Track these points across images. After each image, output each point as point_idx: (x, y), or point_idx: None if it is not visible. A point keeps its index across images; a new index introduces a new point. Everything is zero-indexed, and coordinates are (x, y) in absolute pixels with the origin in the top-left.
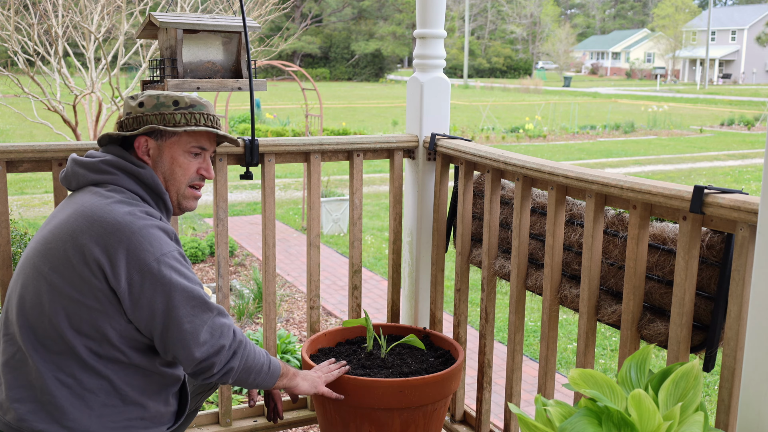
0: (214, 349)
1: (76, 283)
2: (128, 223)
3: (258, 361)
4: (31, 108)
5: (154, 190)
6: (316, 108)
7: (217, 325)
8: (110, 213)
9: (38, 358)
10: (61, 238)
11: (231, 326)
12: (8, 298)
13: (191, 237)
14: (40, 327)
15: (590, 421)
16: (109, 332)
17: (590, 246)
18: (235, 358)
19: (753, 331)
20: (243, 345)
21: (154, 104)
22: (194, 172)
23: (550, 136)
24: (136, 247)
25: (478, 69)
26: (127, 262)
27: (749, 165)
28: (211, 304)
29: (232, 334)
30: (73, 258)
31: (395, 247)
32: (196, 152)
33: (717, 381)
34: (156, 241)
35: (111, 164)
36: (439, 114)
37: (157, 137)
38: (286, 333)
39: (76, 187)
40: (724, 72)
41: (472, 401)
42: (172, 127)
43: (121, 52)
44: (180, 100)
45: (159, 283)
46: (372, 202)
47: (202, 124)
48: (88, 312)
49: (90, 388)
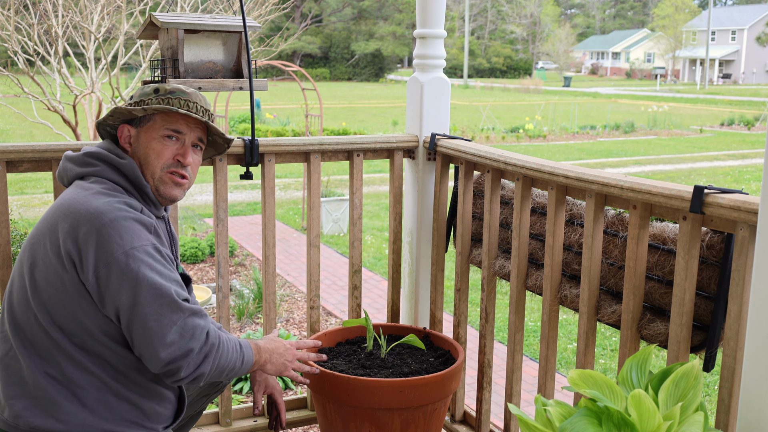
0: (181, 352)
1: (51, 278)
2: (100, 214)
3: (231, 360)
4: (31, 108)
5: (134, 183)
6: (316, 108)
7: (189, 326)
8: (85, 204)
9: (27, 354)
10: (42, 233)
11: (204, 328)
12: (4, 297)
13: (191, 237)
14: (26, 324)
15: (590, 421)
16: (90, 327)
17: (590, 246)
18: (206, 362)
19: (753, 331)
20: (215, 347)
21: (139, 94)
22: (170, 157)
23: (550, 136)
24: (105, 239)
25: (478, 69)
26: (95, 255)
27: (749, 165)
28: (182, 305)
29: (204, 337)
30: (51, 252)
31: (395, 247)
32: (169, 135)
33: (717, 381)
34: (127, 233)
35: (94, 156)
36: (439, 114)
37: (135, 124)
38: (286, 333)
39: (67, 182)
40: (724, 72)
41: (472, 401)
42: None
43: (121, 52)
44: (161, 88)
45: (125, 277)
46: (372, 202)
47: (178, 107)
48: (66, 307)
49: (80, 384)
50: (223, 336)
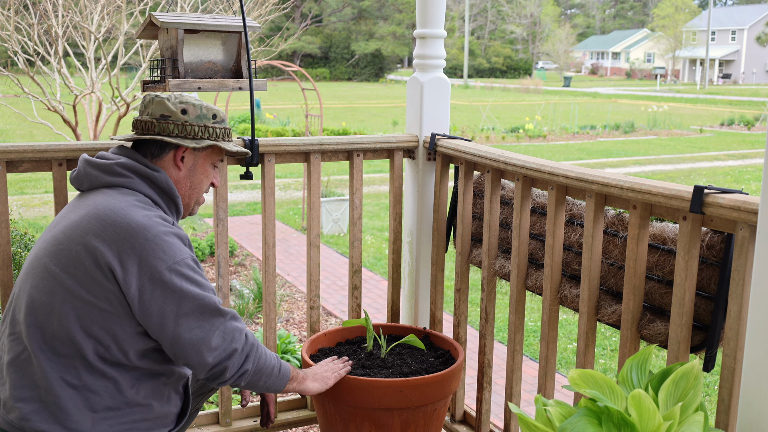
0: (226, 353)
1: (88, 284)
2: (143, 228)
3: (269, 364)
4: (31, 108)
5: (168, 193)
6: (316, 108)
7: (229, 329)
8: (124, 217)
9: (44, 358)
10: (74, 240)
11: (243, 330)
12: (16, 298)
13: (191, 237)
14: (48, 327)
15: (590, 421)
16: (119, 334)
17: (590, 246)
18: (248, 361)
19: (753, 331)
20: (255, 348)
21: (197, 114)
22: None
23: (550, 136)
24: (149, 254)
25: (478, 69)
26: (139, 269)
27: (749, 165)
28: (224, 310)
29: (244, 338)
30: (86, 260)
31: (395, 247)
32: (216, 165)
33: (717, 381)
34: (169, 248)
35: (126, 167)
36: (439, 114)
37: (193, 148)
38: (286, 333)
39: (88, 188)
40: (724, 72)
41: (472, 401)
42: (222, 142)
43: (121, 52)
44: (217, 113)
45: (170, 291)
46: (372, 202)
47: (232, 140)
48: (99, 314)
49: (95, 390)
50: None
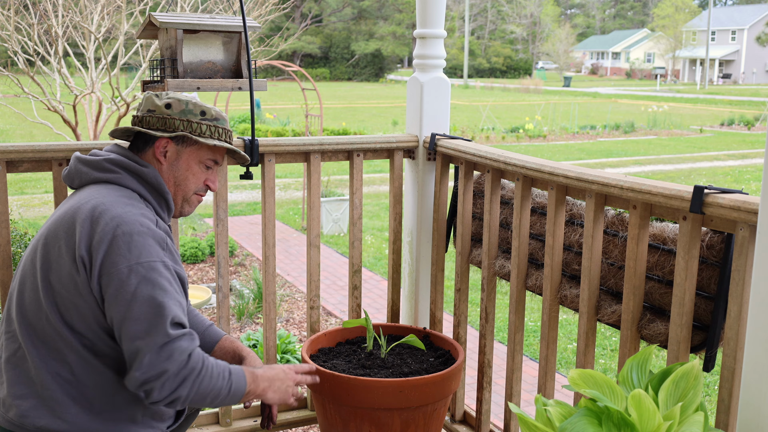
0: (155, 372)
1: (64, 279)
2: (117, 224)
3: (215, 388)
4: (31, 108)
5: (157, 189)
6: (316, 108)
7: (170, 348)
8: (104, 211)
9: (36, 354)
10: (57, 235)
11: (186, 350)
12: (9, 296)
13: (191, 237)
14: (38, 324)
15: (590, 421)
16: (99, 329)
17: (590, 246)
18: (183, 386)
19: (753, 331)
20: (196, 371)
21: (181, 109)
22: (202, 182)
23: (550, 136)
24: (113, 249)
25: (478, 69)
26: (101, 263)
27: (749, 165)
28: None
29: (184, 359)
30: (66, 254)
31: (395, 247)
32: (209, 165)
33: (717, 381)
34: (137, 247)
35: (114, 162)
36: (439, 114)
37: (178, 142)
38: (286, 333)
39: (78, 185)
40: (724, 72)
41: (472, 401)
42: (198, 136)
43: (121, 52)
44: (207, 111)
45: (123, 291)
46: (372, 202)
47: (224, 139)
48: (77, 308)
49: (90, 385)
50: (210, 361)
